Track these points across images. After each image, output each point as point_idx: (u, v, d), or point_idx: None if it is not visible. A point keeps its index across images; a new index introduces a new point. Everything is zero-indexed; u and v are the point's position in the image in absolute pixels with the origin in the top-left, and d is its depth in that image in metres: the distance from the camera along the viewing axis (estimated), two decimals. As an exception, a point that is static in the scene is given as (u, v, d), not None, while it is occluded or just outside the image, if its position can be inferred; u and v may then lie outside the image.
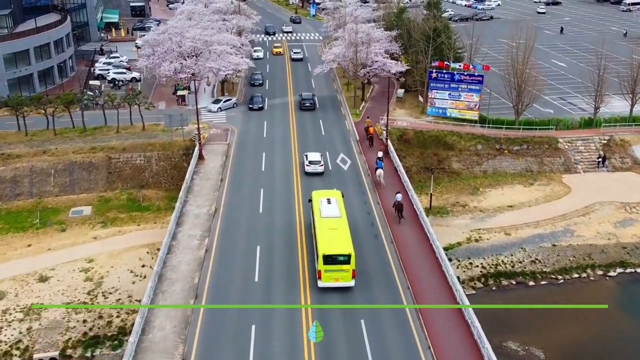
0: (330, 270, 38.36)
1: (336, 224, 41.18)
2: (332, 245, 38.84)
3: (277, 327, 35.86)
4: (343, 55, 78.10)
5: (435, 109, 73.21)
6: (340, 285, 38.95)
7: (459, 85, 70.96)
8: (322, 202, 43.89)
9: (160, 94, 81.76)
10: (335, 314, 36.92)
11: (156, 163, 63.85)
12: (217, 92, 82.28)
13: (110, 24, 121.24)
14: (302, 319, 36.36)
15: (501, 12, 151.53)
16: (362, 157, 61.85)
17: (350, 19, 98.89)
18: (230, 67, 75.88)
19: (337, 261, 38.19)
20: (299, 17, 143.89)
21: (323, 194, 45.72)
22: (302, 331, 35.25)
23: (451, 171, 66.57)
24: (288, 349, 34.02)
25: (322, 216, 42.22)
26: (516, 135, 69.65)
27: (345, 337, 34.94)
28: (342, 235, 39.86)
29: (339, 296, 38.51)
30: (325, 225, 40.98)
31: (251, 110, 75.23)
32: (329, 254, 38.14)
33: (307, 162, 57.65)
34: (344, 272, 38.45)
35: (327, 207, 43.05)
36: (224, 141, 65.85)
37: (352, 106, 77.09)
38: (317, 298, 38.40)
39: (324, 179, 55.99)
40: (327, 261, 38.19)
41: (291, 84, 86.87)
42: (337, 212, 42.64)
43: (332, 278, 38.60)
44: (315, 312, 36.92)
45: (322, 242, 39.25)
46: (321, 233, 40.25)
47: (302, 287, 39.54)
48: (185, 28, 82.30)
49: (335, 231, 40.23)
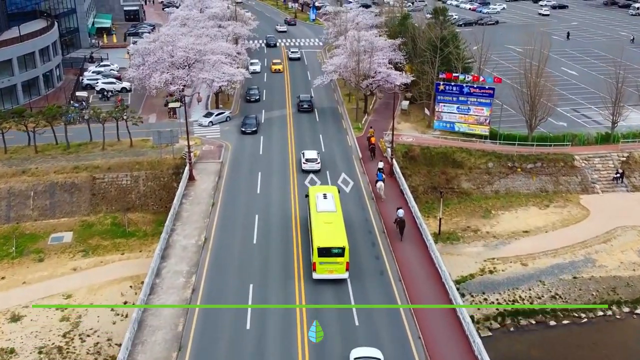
0: (324, 262, 39.45)
1: (331, 218, 42.30)
2: (327, 238, 39.99)
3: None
4: (344, 66, 73.64)
5: (443, 123, 68.75)
6: (334, 277, 39.91)
7: (468, 98, 66.51)
8: (319, 197, 45.09)
9: (151, 105, 77.29)
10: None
11: (144, 183, 59.40)
12: (211, 104, 77.79)
13: (102, 30, 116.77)
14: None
15: (506, 16, 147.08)
16: (366, 177, 57.36)
17: (351, 26, 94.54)
18: (224, 78, 71.41)
19: (332, 254, 39.30)
20: (294, 19, 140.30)
21: (320, 189, 47.20)
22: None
23: (461, 191, 62.12)
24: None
25: (318, 210, 43.25)
26: (529, 152, 65.21)
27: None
28: (336, 229, 41.03)
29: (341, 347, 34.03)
30: (320, 219, 42.12)
31: (244, 133, 67.69)
32: (324, 246, 39.29)
33: (304, 160, 58.18)
34: (338, 265, 39.52)
35: (323, 202, 44.21)
36: (217, 159, 61.37)
37: (354, 119, 72.62)
38: (316, 349, 33.95)
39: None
40: (321, 253, 39.30)
41: (289, 94, 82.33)
42: (333, 206, 43.82)
43: (326, 270, 39.68)
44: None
45: (317, 235, 40.38)
46: (316, 226, 41.39)
47: (300, 345, 34.89)
48: (178, 36, 77.89)
49: (330, 225, 41.43)
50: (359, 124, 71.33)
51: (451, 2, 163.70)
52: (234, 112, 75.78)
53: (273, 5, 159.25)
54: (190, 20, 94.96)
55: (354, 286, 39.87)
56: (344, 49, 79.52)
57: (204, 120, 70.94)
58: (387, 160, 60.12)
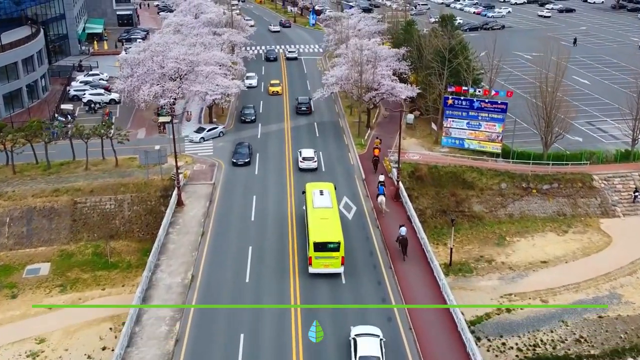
0: (320, 257, 40.23)
1: (327, 214, 43.20)
2: (323, 233, 40.78)
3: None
4: (346, 77, 69.06)
5: (451, 139, 64.23)
6: (329, 272, 40.66)
7: (479, 113, 62.00)
8: (315, 193, 45.87)
9: (141, 119, 72.69)
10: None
11: (129, 208, 54.87)
12: (205, 117, 73.20)
13: (94, 35, 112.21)
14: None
15: (512, 20, 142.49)
16: (370, 202, 52.78)
17: (353, 33, 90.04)
18: (218, 90, 66.88)
19: (327, 248, 40.12)
20: (289, 21, 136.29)
21: (316, 186, 47.76)
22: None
23: (472, 215, 57.57)
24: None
25: (314, 206, 44.10)
26: (545, 171, 60.70)
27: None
28: (332, 224, 41.88)
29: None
30: (317, 215, 43.01)
31: (235, 165, 59.57)
32: (320, 241, 40.17)
33: (300, 159, 58.76)
34: (333, 259, 40.32)
35: (320, 198, 45.03)
36: (209, 180, 56.85)
37: (356, 134, 68.04)
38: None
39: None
40: (317, 248, 40.12)
41: (287, 107, 77.74)
42: (329, 203, 44.60)
43: (322, 264, 40.47)
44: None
45: (313, 230, 41.30)
46: (313, 222, 42.35)
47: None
48: (169, 45, 73.37)
49: (326, 220, 42.28)
50: (361, 139, 66.75)
51: (455, 6, 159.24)
52: (229, 127, 71.24)
53: (272, 8, 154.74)
54: (184, 26, 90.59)
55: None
56: (345, 58, 75.09)
57: (195, 136, 66.42)
58: (393, 182, 55.64)
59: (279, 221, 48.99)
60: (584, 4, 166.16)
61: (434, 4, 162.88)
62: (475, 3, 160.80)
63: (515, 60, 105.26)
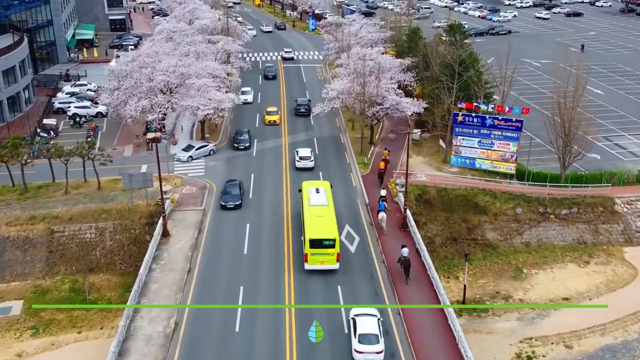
0: (316, 253, 40.78)
1: (323, 211, 43.86)
2: (319, 230, 41.39)
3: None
4: (347, 91, 64.40)
5: (462, 158, 59.62)
6: (325, 268, 41.16)
7: (492, 131, 57.41)
8: (311, 191, 46.74)
9: (128, 135, 68.03)
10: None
11: (111, 237, 50.27)
12: (197, 133, 68.51)
13: (84, 42, 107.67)
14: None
15: (519, 25, 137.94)
16: (374, 231, 48.15)
17: (354, 41, 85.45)
18: (211, 105, 62.24)
19: (323, 245, 40.64)
20: (284, 23, 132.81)
21: (312, 184, 48.71)
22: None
23: (485, 243, 52.98)
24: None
25: (310, 204, 44.81)
26: (563, 194, 56.10)
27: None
28: (328, 222, 42.57)
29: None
30: (313, 213, 43.66)
31: (223, 208, 51.36)
32: (315, 238, 40.67)
33: (297, 158, 58.68)
34: (329, 256, 40.81)
35: (316, 196, 45.86)
36: (199, 205, 52.24)
37: (359, 152, 63.39)
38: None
39: (323, 277, 41.86)
40: (313, 245, 40.69)
41: (286, 121, 73.14)
42: (325, 200, 45.44)
43: (317, 261, 40.98)
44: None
45: (309, 228, 41.82)
46: (309, 219, 42.92)
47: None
48: (160, 56, 68.78)
49: (322, 218, 42.92)
50: (364, 158, 62.11)
51: (459, 9, 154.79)
52: (222, 143, 66.60)
53: (270, 12, 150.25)
54: (177, 33, 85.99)
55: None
56: (347, 69, 70.51)
57: (183, 155, 61.68)
58: (399, 207, 51.08)
59: (274, 256, 44.35)
60: (592, 8, 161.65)
61: (437, 7, 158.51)
62: (480, 6, 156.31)
63: (524, 68, 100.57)
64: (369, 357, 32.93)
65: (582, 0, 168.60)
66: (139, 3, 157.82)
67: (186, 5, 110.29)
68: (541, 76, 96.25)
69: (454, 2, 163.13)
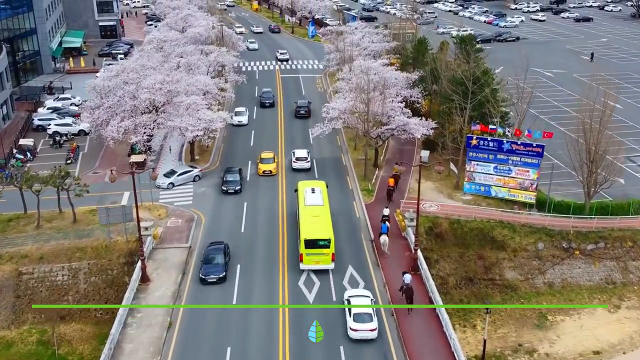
0: (311, 253, 40.86)
1: (318, 211, 43.89)
2: (314, 230, 41.49)
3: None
4: (350, 110, 59.00)
5: (475, 185, 54.26)
6: (320, 268, 41.26)
7: (509, 157, 52.03)
8: (307, 191, 46.68)
9: (112, 156, 62.63)
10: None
11: (85, 279, 44.93)
12: (186, 154, 63.06)
13: (72, 50, 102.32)
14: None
15: (526, 31, 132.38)
16: (381, 273, 42.83)
17: (356, 51, 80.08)
18: (200, 125, 56.87)
19: (318, 245, 40.77)
20: (278, 26, 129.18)
21: (308, 184, 48.55)
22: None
23: (504, 284, 47.66)
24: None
25: (305, 204, 44.81)
26: (589, 227, 50.77)
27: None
28: (323, 222, 42.70)
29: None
30: (308, 213, 43.69)
31: (203, 282, 41.28)
32: (310, 238, 40.77)
33: (294, 159, 58.66)
34: (324, 256, 40.95)
35: (311, 196, 45.79)
36: (184, 242, 46.84)
37: (362, 176, 58.04)
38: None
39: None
40: (308, 245, 40.77)
41: (283, 143, 67.73)
42: (320, 200, 45.40)
43: (313, 261, 41.08)
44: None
45: (304, 228, 41.94)
46: (304, 219, 43.03)
47: None
48: (147, 70, 63.50)
49: (317, 218, 43.00)
50: (368, 183, 56.73)
51: (463, 14, 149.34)
52: (213, 165, 61.21)
53: (268, 17, 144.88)
54: (168, 43, 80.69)
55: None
56: (349, 83, 65.18)
57: (163, 181, 55.90)
58: (409, 245, 45.75)
59: (268, 302, 39.03)
60: (601, 12, 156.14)
61: (441, 12, 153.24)
62: (485, 11, 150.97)
63: (535, 77, 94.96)
64: (363, 334, 35.17)
65: (590, 5, 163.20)
66: (133, 7, 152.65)
67: (180, 11, 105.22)
68: (554, 88, 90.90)
69: (459, 7, 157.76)
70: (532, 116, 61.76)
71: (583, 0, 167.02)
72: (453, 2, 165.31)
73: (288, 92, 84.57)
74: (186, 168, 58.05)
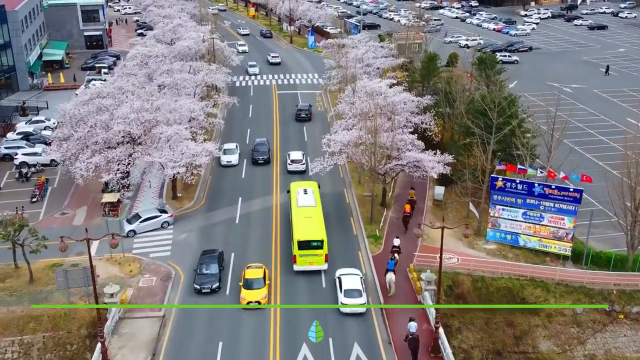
0: (304, 255, 41.34)
1: (311, 212, 44.47)
2: (307, 231, 41.98)
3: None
4: (355, 142, 51.56)
5: (501, 233, 46.78)
6: (314, 269, 41.76)
7: (541, 202, 44.50)
8: (299, 192, 46.88)
9: (83, 193, 55.00)
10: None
11: (39, 356, 37.54)
12: (167, 191, 55.59)
13: (53, 63, 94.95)
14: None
15: (539, 39, 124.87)
16: (391, 349, 35.42)
17: (360, 68, 72.71)
18: (182, 161, 49.45)
19: (311, 246, 41.24)
20: (270, 31, 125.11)
21: (300, 185, 48.74)
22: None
23: (538, 358, 40.10)
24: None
25: (298, 205, 45.35)
26: (634, 284, 43.29)
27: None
28: (316, 223, 43.11)
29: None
30: (301, 214, 44.25)
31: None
32: (303, 239, 41.24)
33: (289, 161, 58.43)
34: (317, 257, 41.45)
35: (304, 197, 46.11)
36: (157, 311, 39.30)
37: (368, 218, 50.53)
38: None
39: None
40: (301, 246, 41.24)
41: (278, 181, 60.25)
42: (313, 201, 45.85)
43: (306, 262, 41.57)
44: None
45: (297, 229, 42.42)
46: (297, 221, 43.50)
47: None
48: (124, 94, 56.15)
49: (309, 219, 43.51)
50: (375, 228, 49.24)
51: (471, 21, 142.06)
52: (199, 203, 53.80)
53: (266, 24, 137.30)
54: (153, 59, 73.36)
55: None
56: (352, 109, 57.84)
57: (125, 228, 48.16)
58: (427, 317, 38.32)
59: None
60: (616, 19, 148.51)
61: (447, 19, 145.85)
62: (494, 18, 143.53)
63: (553, 94, 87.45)
64: (353, 309, 37.99)
65: (603, 11, 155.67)
66: (124, 14, 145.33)
67: (170, 20, 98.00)
68: (575, 106, 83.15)
69: (466, 13, 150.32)
70: (564, 146, 54.08)
71: (596, 6, 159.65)
72: (459, 8, 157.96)
73: (282, 103, 76.90)
74: (154, 212, 49.47)
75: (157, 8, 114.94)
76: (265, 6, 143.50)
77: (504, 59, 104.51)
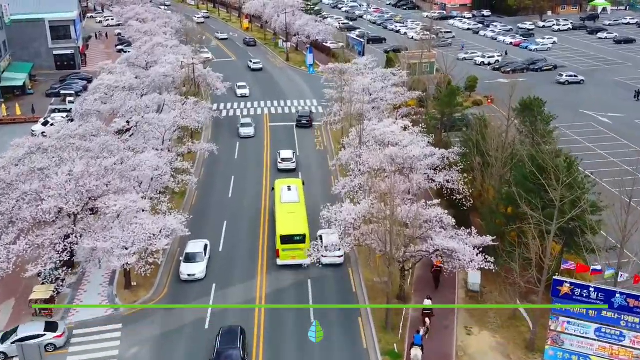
0: (287, 249, 42.22)
1: (294, 208, 45.43)
2: (289, 226, 42.96)
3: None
4: (365, 217, 39.12)
5: (564, 353, 34.21)
6: (296, 263, 42.52)
7: (622, 316, 32.06)
8: (283, 189, 47.81)
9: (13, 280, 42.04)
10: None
11: None
12: (119, 281, 42.92)
13: (14, 89, 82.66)
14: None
15: (562, 55, 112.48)
16: None
17: (367, 103, 60.41)
18: (135, 247, 37.09)
19: (294, 241, 42.25)
20: (254, 39, 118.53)
21: (284, 182, 49.66)
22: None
23: None
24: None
25: (282, 201, 46.39)
26: None
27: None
28: (299, 218, 44.09)
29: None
30: (284, 210, 45.21)
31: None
32: (286, 234, 42.28)
33: (279, 160, 58.71)
34: (299, 251, 42.20)
35: (287, 194, 47.12)
36: None
37: (383, 324, 37.79)
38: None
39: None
40: (284, 241, 42.19)
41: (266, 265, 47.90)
42: (296, 198, 46.84)
43: (289, 256, 42.42)
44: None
45: (280, 224, 43.40)
46: (280, 216, 44.49)
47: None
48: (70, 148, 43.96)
49: (293, 214, 44.43)
50: (393, 339, 36.64)
51: (485, 34, 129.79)
52: (159, 295, 41.29)
53: (260, 39, 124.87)
54: (118, 92, 61.15)
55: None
56: (359, 164, 45.70)
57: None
58: None
59: None
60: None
61: (459, 31, 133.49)
62: (510, 30, 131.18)
63: (589, 126, 75.15)
64: (332, 260, 42.74)
65: (627, 22, 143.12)
66: (106, 26, 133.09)
67: (150, 38, 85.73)
68: (616, 141, 70.48)
69: (479, 24, 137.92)
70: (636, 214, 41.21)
71: (618, 17, 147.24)
72: (471, 19, 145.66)
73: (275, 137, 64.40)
74: (37, 330, 35.60)
75: (138, 22, 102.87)
76: (260, 18, 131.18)
77: (570, 80, 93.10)
